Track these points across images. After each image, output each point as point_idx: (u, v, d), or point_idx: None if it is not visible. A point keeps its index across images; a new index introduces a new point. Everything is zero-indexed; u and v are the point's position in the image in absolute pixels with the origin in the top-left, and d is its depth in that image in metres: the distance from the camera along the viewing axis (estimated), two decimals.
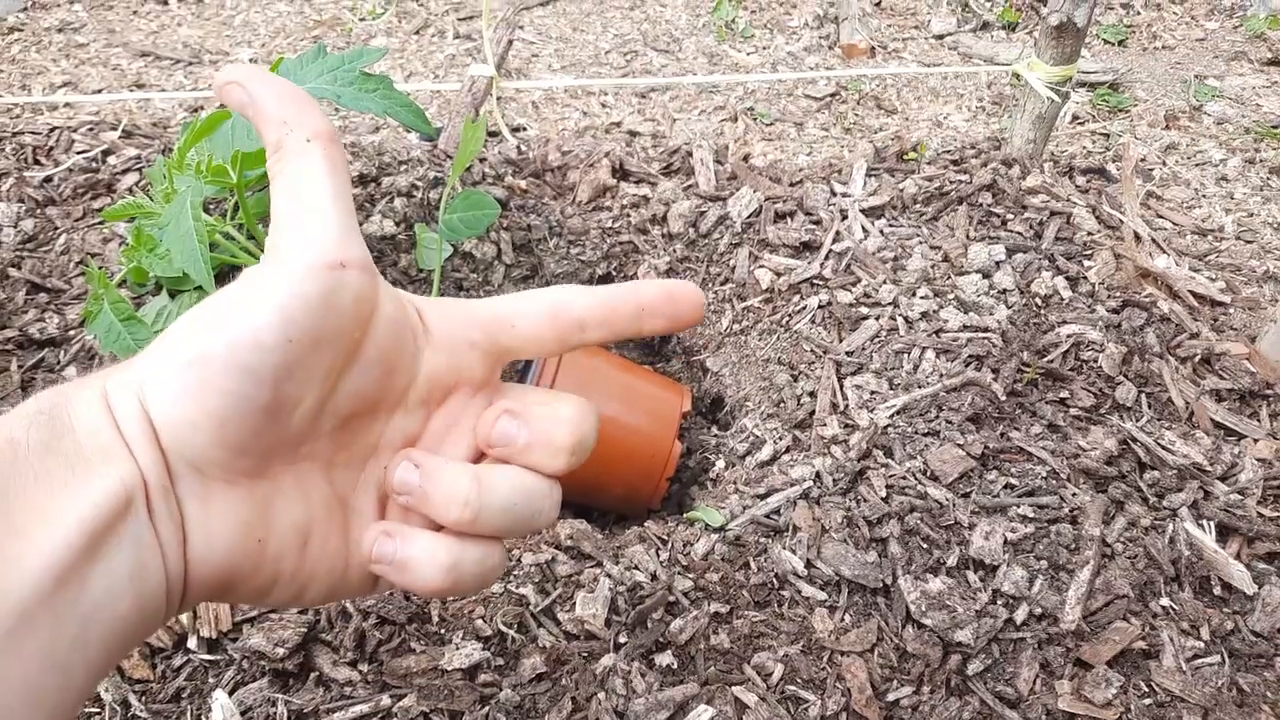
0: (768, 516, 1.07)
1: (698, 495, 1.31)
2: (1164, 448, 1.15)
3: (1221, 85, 2.32)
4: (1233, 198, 1.92)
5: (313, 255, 0.34)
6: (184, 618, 0.95)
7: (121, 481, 0.31)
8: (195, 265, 1.01)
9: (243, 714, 0.89)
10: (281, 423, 0.34)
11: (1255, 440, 1.20)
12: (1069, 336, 1.27)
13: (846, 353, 1.30)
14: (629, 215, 1.59)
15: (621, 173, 1.68)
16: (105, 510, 0.30)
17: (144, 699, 0.90)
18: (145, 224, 1.20)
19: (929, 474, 1.09)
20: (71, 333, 1.37)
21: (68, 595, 0.29)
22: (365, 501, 0.39)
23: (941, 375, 1.22)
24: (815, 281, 1.43)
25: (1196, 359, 1.31)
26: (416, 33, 2.61)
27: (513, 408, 0.39)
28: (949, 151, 1.78)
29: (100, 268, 1.45)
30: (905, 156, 1.76)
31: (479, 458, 0.41)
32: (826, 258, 1.45)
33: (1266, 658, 0.95)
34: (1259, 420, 1.24)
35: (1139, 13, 2.70)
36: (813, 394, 1.27)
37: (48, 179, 1.67)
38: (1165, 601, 0.98)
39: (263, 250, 1.26)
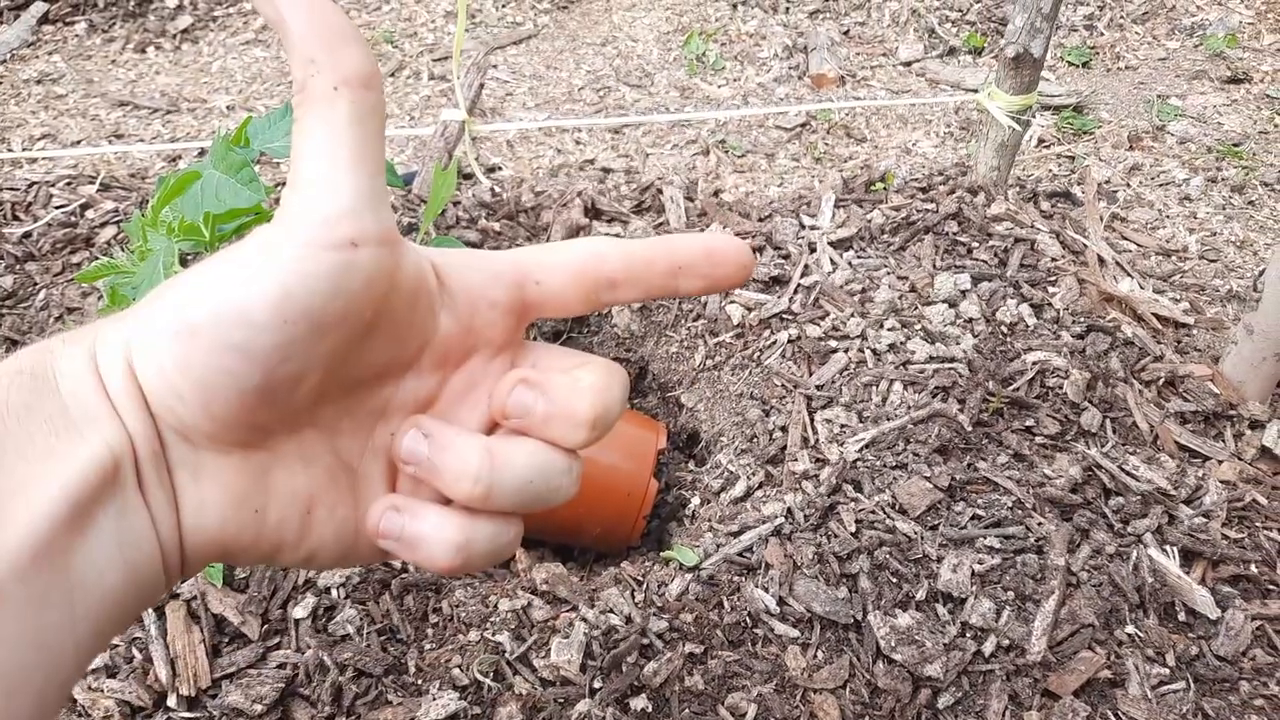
0: (740, 554, 1.09)
1: (675, 531, 1.32)
2: (1128, 473, 1.17)
3: (1184, 104, 2.37)
4: (1196, 217, 1.95)
5: (319, 233, 0.30)
6: (163, 675, 0.96)
7: (108, 447, 0.29)
8: None
9: None
10: (278, 400, 0.32)
11: (1219, 462, 1.23)
12: (1034, 364, 1.30)
13: (816, 386, 1.32)
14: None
15: (594, 212, 1.71)
16: (91, 478, 0.29)
17: None
18: (120, 283, 1.22)
19: (897, 507, 1.11)
20: None
21: (50, 571, 0.28)
22: (374, 467, 0.37)
23: (909, 407, 1.24)
24: (785, 316, 1.45)
25: (1160, 382, 1.33)
26: (391, 75, 2.64)
27: (530, 376, 0.36)
28: (916, 180, 1.81)
29: (78, 324, 1.46)
30: (873, 186, 1.79)
31: (494, 425, 0.38)
32: (795, 292, 1.48)
33: (1231, 682, 0.96)
34: (1223, 441, 1.27)
35: (1102, 34, 2.76)
36: (784, 428, 1.29)
37: (27, 234, 1.68)
38: (1130, 629, 0.99)
39: None
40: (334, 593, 1.04)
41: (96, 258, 1.59)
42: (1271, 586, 1.07)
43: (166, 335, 0.30)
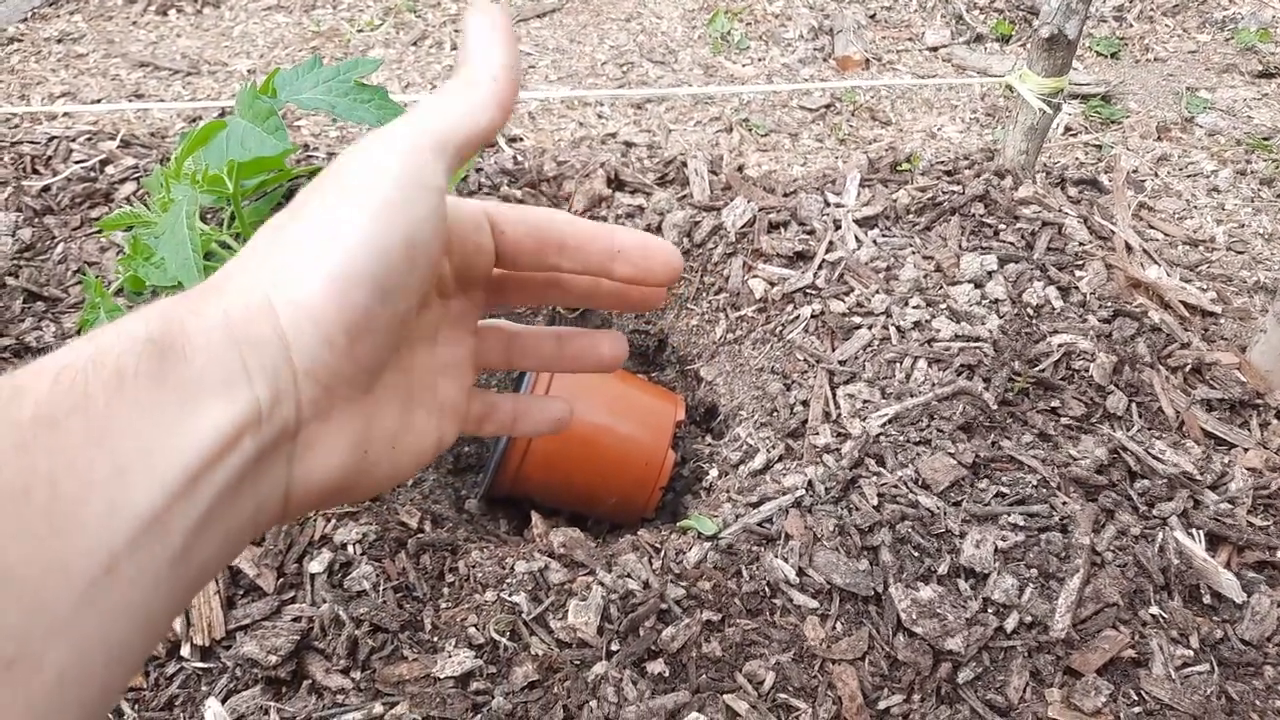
0: (760, 525, 1.08)
1: (691, 504, 1.31)
2: (1154, 457, 1.15)
3: (1213, 97, 2.34)
4: (1224, 209, 1.93)
5: (424, 177, 0.34)
6: (177, 625, 0.96)
7: (232, 420, 0.30)
8: (189, 274, 1.01)
9: None
10: (395, 335, 0.35)
11: (1245, 450, 1.21)
12: (1060, 346, 1.28)
13: (839, 362, 1.30)
14: (624, 225, 1.60)
15: (617, 183, 1.69)
16: (213, 452, 0.29)
17: (137, 707, 0.91)
18: (142, 233, 1.21)
19: (920, 482, 1.10)
20: (68, 341, 1.37)
21: (161, 544, 0.28)
22: (423, 393, 0.41)
23: (933, 384, 1.22)
24: (808, 291, 1.43)
25: (1187, 368, 1.32)
26: (414, 44, 2.62)
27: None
28: (942, 162, 1.79)
29: (97, 276, 1.45)
30: (898, 167, 1.77)
31: (478, 343, 0.45)
32: (820, 267, 1.46)
33: (1255, 666, 0.95)
34: (1249, 430, 1.25)
35: (1131, 25, 2.72)
36: (805, 403, 1.27)
37: (46, 188, 1.68)
38: (1155, 610, 0.98)
39: None
40: (350, 549, 1.03)
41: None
42: None
43: (322, 280, 0.32)
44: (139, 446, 0.28)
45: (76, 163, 1.74)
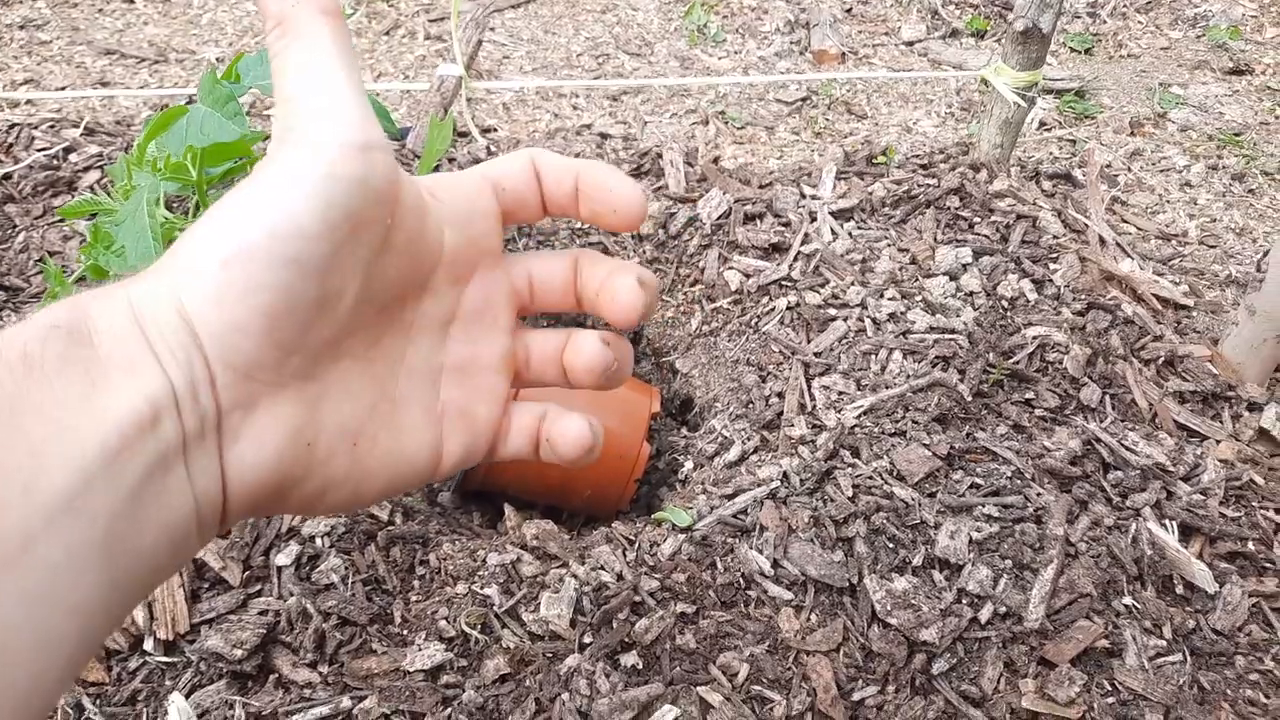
0: (735, 516, 1.07)
1: (666, 496, 1.30)
2: (1127, 448, 1.15)
3: (1185, 93, 2.36)
4: (1196, 203, 1.94)
5: (345, 137, 0.32)
6: (140, 618, 0.93)
7: (146, 399, 0.29)
8: (149, 261, 0.99)
9: (200, 717, 0.87)
10: (327, 318, 0.33)
11: (1217, 441, 1.22)
12: (1034, 338, 1.28)
13: (814, 354, 1.30)
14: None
15: None
16: (128, 430, 0.28)
17: (98, 702, 0.89)
18: (103, 220, 1.18)
19: (895, 474, 1.09)
20: None
21: (85, 525, 0.27)
22: (412, 392, 0.38)
23: (908, 376, 1.22)
24: (784, 283, 1.43)
25: (1160, 361, 1.32)
26: (386, 33, 2.59)
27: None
28: (918, 156, 1.79)
29: (59, 266, 1.42)
30: (874, 160, 1.77)
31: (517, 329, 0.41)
32: (795, 259, 1.46)
33: (1227, 656, 0.96)
34: (1221, 421, 1.26)
35: (1105, 21, 2.74)
36: (781, 395, 1.27)
37: (7, 176, 1.64)
38: (1128, 600, 0.98)
39: None
40: (318, 541, 1.02)
41: None
42: (1268, 564, 1.06)
43: (220, 264, 0.30)
44: (50, 428, 0.27)
45: (39, 150, 1.70)
